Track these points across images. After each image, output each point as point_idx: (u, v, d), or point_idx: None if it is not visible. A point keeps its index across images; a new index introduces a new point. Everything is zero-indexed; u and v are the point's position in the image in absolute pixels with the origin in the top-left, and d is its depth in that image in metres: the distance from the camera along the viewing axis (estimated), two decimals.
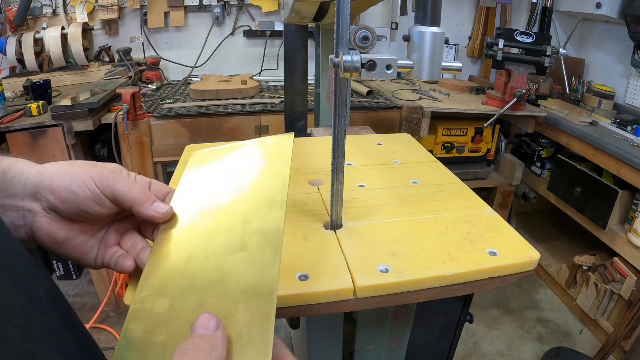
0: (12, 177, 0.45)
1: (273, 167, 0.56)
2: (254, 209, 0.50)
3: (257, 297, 0.39)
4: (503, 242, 0.63)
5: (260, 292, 0.39)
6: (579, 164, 2.06)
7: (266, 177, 0.54)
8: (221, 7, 2.47)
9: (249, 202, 0.51)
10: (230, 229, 0.48)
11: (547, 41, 2.07)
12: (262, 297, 0.39)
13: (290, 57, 1.27)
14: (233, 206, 0.52)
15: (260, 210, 0.49)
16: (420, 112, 2.05)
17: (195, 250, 0.47)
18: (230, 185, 0.56)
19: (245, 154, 0.62)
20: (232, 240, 0.46)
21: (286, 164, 0.55)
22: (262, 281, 0.40)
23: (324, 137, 1.15)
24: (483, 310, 2.22)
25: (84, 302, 2.18)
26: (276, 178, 0.53)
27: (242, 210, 0.50)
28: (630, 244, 1.78)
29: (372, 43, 0.52)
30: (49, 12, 2.32)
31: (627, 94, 2.25)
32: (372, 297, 0.55)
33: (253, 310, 0.38)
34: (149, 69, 2.40)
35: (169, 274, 0.45)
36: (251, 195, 0.52)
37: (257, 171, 0.56)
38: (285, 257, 0.60)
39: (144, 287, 0.44)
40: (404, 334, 0.81)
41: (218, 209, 0.52)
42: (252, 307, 0.38)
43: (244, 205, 0.51)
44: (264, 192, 0.52)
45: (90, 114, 1.72)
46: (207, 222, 0.50)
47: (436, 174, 0.88)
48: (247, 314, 0.38)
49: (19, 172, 0.46)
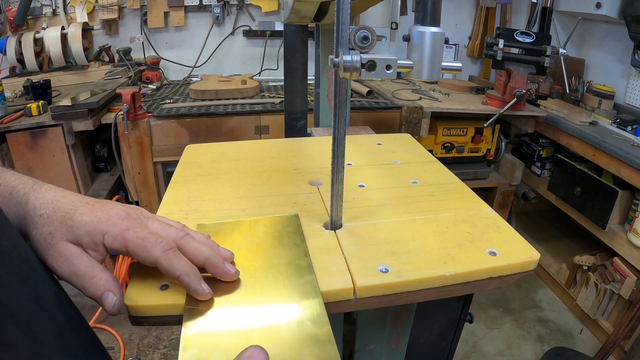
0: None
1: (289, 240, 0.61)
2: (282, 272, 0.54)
3: (318, 344, 0.42)
4: (503, 242, 0.63)
5: (319, 339, 0.43)
6: (579, 164, 2.06)
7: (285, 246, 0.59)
8: (221, 7, 2.47)
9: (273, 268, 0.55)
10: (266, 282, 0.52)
11: (547, 41, 2.07)
12: (323, 343, 0.42)
13: (290, 57, 1.27)
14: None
15: (292, 274, 0.54)
16: (420, 112, 2.05)
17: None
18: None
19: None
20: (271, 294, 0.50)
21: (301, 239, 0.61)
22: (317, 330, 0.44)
23: (324, 137, 1.15)
24: (483, 310, 2.22)
25: (84, 302, 2.17)
26: (294, 248, 0.59)
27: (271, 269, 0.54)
28: (630, 244, 1.78)
29: (372, 43, 0.52)
30: (49, 12, 2.32)
31: (627, 94, 2.25)
32: (372, 297, 0.55)
33: (318, 354, 0.41)
34: (149, 69, 2.40)
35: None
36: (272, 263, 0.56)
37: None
38: None
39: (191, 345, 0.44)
40: (404, 334, 0.81)
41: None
42: (316, 352, 0.41)
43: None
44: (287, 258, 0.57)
45: (90, 114, 1.72)
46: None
47: (436, 174, 0.88)
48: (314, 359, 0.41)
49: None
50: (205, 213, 0.72)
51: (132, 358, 1.84)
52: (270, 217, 0.68)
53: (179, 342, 0.44)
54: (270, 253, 0.58)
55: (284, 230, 0.63)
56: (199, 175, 0.87)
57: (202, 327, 0.46)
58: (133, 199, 1.95)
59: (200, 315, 0.47)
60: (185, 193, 0.79)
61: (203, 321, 0.46)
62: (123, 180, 1.90)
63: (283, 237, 0.62)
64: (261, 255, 0.58)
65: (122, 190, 2.04)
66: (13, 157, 1.71)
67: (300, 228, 0.64)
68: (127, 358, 1.84)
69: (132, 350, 1.89)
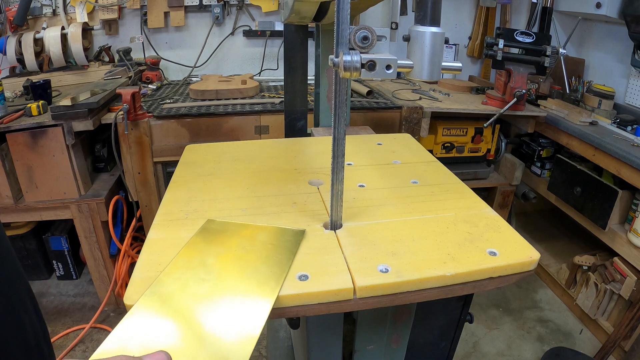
0: None
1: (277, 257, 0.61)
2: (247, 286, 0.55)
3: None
4: (503, 242, 0.63)
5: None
6: (579, 164, 2.06)
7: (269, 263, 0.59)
8: (221, 7, 2.47)
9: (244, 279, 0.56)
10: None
11: (547, 41, 2.07)
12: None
13: (290, 57, 1.27)
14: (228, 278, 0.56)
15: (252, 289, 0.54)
16: (420, 112, 2.05)
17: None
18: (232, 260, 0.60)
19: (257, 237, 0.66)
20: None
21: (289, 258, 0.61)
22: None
23: (324, 137, 1.16)
24: (483, 310, 2.22)
25: (84, 302, 2.18)
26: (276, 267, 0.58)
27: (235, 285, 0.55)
28: (630, 244, 1.78)
29: (372, 43, 0.52)
30: (49, 12, 2.32)
31: (627, 94, 2.25)
32: (372, 297, 0.55)
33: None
34: (149, 69, 2.40)
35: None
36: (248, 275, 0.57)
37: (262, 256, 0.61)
38: None
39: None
40: (404, 334, 0.81)
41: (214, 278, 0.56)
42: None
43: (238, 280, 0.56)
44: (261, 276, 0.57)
45: (90, 114, 1.72)
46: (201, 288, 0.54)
47: (436, 174, 0.88)
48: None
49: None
50: (205, 213, 0.72)
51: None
52: (276, 228, 0.68)
53: None
54: (252, 265, 0.58)
55: (279, 245, 0.63)
56: (199, 175, 0.87)
57: (141, 317, 0.49)
58: (133, 199, 1.95)
59: (147, 307, 0.50)
60: (185, 193, 0.79)
61: (148, 311, 0.49)
62: (123, 180, 1.91)
63: (277, 250, 0.62)
64: (244, 263, 0.59)
65: (122, 190, 2.04)
66: (13, 157, 1.71)
67: (297, 246, 0.63)
68: None
69: None
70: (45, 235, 2.19)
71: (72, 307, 2.14)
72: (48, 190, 1.80)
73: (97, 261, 2.00)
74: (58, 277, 2.32)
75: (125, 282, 2.01)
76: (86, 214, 1.88)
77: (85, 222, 1.90)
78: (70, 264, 2.28)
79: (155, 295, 0.51)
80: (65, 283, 2.31)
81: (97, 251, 1.98)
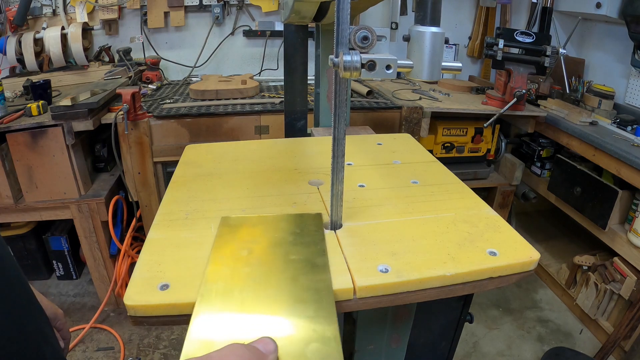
0: None
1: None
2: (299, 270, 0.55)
3: (323, 341, 0.44)
4: (503, 242, 0.63)
5: (325, 336, 0.45)
6: (579, 164, 2.06)
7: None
8: (221, 7, 2.47)
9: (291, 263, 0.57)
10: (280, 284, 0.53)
11: (547, 41, 2.07)
12: (328, 341, 0.44)
13: (290, 57, 1.27)
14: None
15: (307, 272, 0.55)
16: (420, 112, 2.05)
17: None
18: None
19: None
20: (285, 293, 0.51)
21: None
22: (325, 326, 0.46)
23: (324, 137, 1.16)
24: (483, 310, 2.22)
25: (84, 302, 2.18)
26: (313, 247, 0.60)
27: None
28: (630, 244, 1.78)
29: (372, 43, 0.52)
30: (49, 12, 2.32)
31: (627, 94, 2.25)
32: (372, 297, 0.55)
33: (321, 350, 0.43)
34: (149, 69, 2.40)
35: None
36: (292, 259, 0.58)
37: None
38: None
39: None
40: (404, 334, 0.81)
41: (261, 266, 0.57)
42: (319, 348, 0.44)
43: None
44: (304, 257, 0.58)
45: (90, 114, 1.72)
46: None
47: (436, 174, 0.88)
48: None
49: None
50: (205, 213, 0.72)
51: (132, 358, 1.84)
52: (294, 214, 0.69)
53: (179, 342, 0.45)
54: (289, 249, 0.59)
55: (305, 228, 0.65)
56: (199, 175, 0.87)
57: (211, 315, 0.48)
58: (133, 199, 1.95)
59: (211, 306, 0.49)
60: (185, 193, 0.79)
61: (214, 309, 0.49)
62: (123, 180, 1.91)
63: (304, 234, 0.63)
64: (280, 251, 0.59)
65: (122, 190, 2.04)
66: (13, 157, 1.71)
67: (321, 227, 0.65)
68: (127, 358, 1.84)
69: (132, 350, 1.89)
70: (45, 235, 2.19)
71: (72, 307, 2.14)
72: (48, 190, 1.80)
73: (97, 261, 2.01)
74: (58, 277, 2.32)
75: (125, 282, 2.01)
76: (86, 214, 1.88)
77: (85, 222, 1.90)
78: (70, 264, 2.28)
79: (212, 292, 0.51)
80: (65, 283, 2.31)
81: (97, 251, 1.98)
